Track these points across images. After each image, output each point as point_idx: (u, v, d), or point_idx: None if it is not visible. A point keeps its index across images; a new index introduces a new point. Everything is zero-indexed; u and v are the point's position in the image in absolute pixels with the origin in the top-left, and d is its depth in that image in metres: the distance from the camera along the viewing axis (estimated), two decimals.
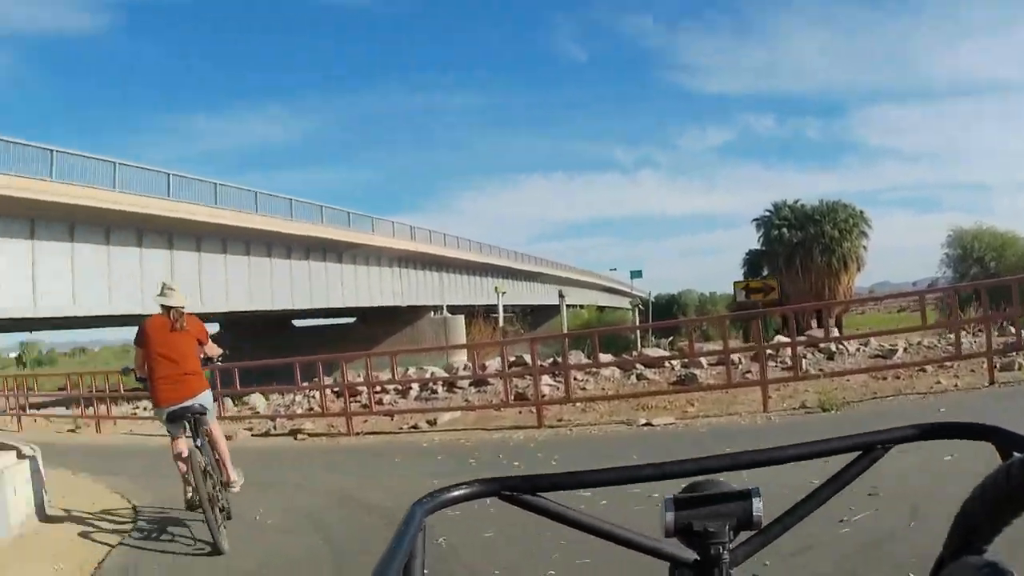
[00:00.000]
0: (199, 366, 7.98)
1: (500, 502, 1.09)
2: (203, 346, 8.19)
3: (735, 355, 16.65)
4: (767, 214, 50.55)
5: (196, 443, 7.61)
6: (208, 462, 7.57)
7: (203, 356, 8.21)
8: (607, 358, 18.64)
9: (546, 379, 16.67)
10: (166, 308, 7.87)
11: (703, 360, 16.98)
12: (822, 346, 17.92)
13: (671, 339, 34.63)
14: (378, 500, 8.92)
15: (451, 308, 57.55)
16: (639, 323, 46.60)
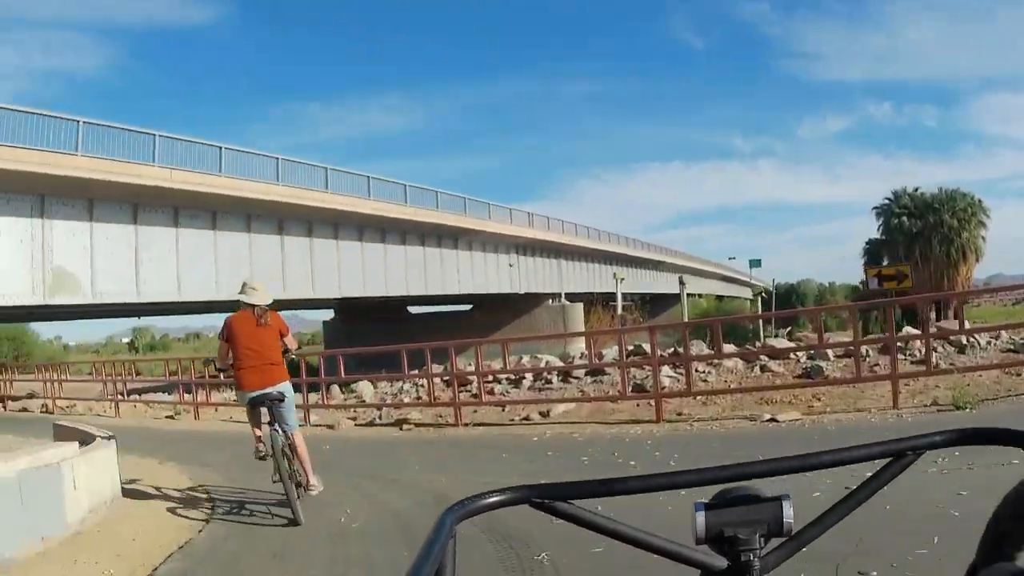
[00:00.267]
0: (281, 357, 8.68)
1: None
2: (283, 338, 8.82)
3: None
4: (887, 202, 51.02)
5: (273, 426, 8.26)
6: (284, 444, 8.18)
7: (283, 348, 8.79)
8: (730, 348, 17.87)
9: (665, 370, 15.89)
10: (250, 305, 8.62)
11: (829, 352, 16.14)
12: (952, 339, 16.29)
13: (789, 329, 34.35)
14: None
15: (569, 296, 56.75)
16: (762, 312, 45.06)
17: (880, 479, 1.14)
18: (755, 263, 62.02)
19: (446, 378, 17.36)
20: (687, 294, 50.84)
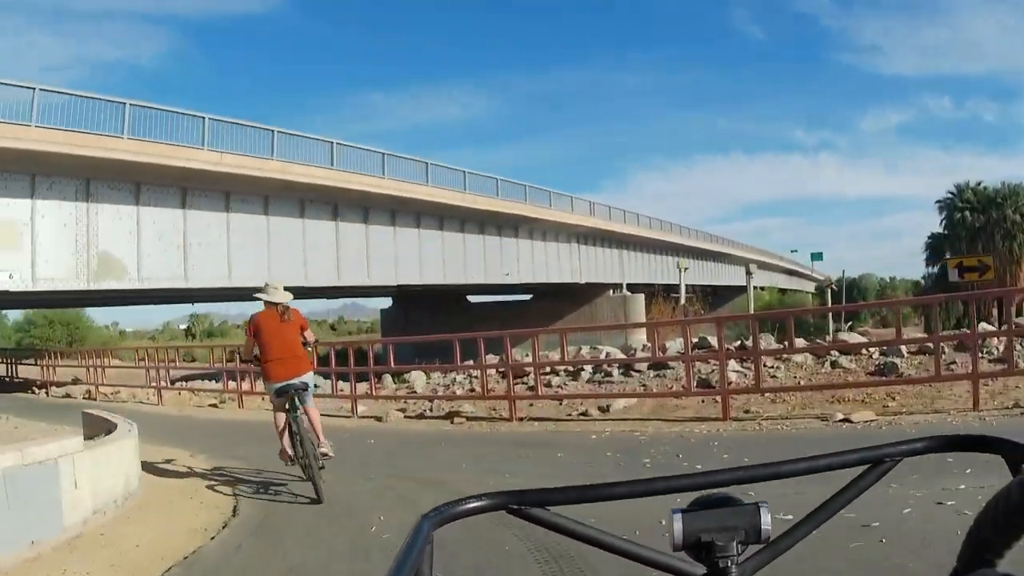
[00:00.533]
0: (303, 350, 9.48)
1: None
2: (304, 333, 9.57)
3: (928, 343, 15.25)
4: (949, 196, 51.05)
5: (296, 414, 8.91)
6: (306, 430, 8.91)
7: (303, 341, 9.57)
8: (800, 343, 17.19)
9: (731, 364, 15.10)
10: (272, 304, 9.40)
11: (903, 348, 15.40)
12: None
13: (850, 324, 34.53)
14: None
15: (630, 286, 55.69)
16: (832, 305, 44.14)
17: (858, 487, 1.14)
18: (816, 256, 63.23)
19: (501, 369, 16.68)
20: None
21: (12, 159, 21.96)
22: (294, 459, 9.12)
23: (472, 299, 55.75)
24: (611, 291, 53.91)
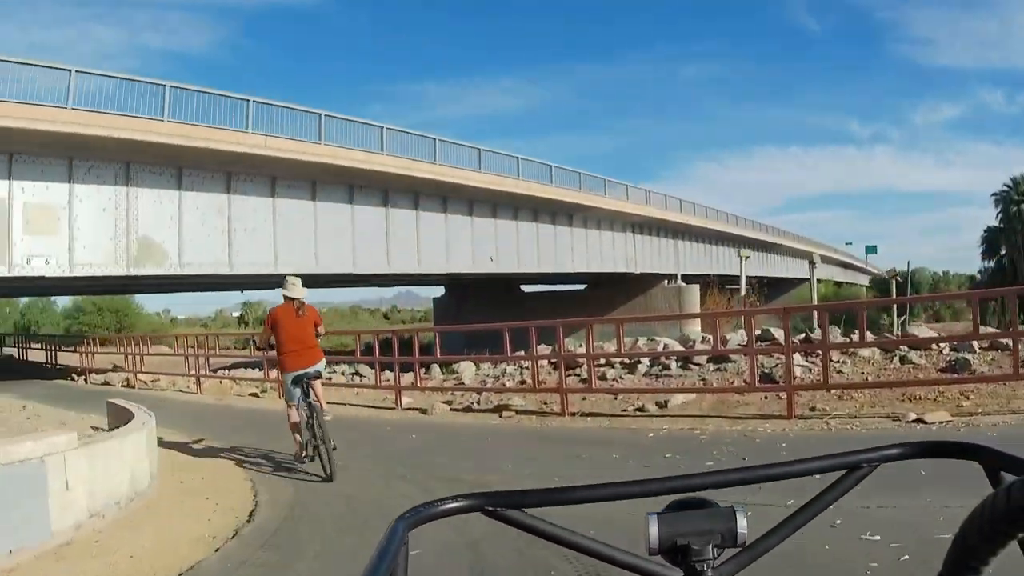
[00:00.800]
0: (316, 341, 10.27)
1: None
2: (317, 327, 10.29)
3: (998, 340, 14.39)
4: (1005, 189, 50.53)
5: (309, 399, 9.56)
6: (319, 411, 9.50)
7: (316, 333, 10.30)
8: (869, 336, 15.94)
9: (795, 359, 14.24)
10: (289, 298, 10.10)
11: (974, 344, 14.38)
12: None
13: (902, 319, 33.20)
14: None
15: (685, 277, 54.50)
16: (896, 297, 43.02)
17: (834, 492, 1.14)
18: (871, 249, 61.45)
19: (553, 361, 15.85)
20: (807, 279, 49.05)
21: (49, 142, 21.45)
22: (307, 454, 9.66)
23: (525, 289, 54.98)
24: (666, 281, 52.73)
